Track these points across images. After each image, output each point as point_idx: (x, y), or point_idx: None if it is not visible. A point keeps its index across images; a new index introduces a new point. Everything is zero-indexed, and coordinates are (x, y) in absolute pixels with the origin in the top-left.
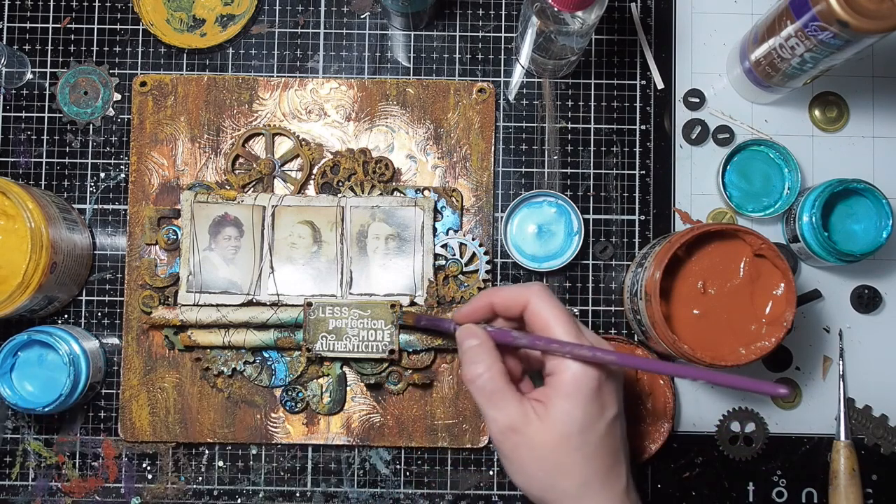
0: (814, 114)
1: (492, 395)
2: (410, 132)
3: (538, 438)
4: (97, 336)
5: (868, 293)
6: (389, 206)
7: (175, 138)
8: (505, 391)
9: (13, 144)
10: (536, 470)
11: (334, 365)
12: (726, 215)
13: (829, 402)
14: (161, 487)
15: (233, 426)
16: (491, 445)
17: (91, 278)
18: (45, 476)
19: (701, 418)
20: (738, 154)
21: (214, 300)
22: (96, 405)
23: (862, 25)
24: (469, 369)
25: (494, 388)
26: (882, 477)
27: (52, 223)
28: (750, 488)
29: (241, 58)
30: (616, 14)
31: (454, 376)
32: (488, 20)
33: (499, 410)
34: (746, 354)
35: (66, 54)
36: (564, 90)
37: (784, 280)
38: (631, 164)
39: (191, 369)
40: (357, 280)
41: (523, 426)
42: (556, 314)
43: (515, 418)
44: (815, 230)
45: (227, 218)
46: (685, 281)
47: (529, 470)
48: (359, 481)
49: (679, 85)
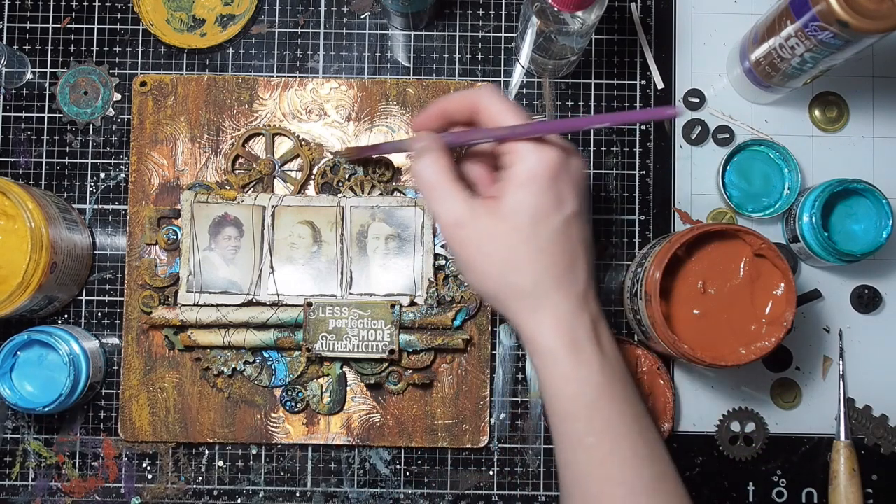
0: (814, 114)
1: (434, 189)
2: (410, 132)
3: (487, 232)
4: (97, 336)
5: (868, 293)
6: (389, 206)
7: (175, 138)
8: (448, 185)
9: (13, 144)
10: (487, 266)
11: (334, 365)
12: (726, 215)
13: (829, 402)
14: (161, 487)
15: (233, 426)
16: (491, 445)
17: (91, 278)
18: (45, 476)
19: (701, 418)
20: (738, 154)
21: (214, 300)
22: (96, 405)
23: (862, 25)
24: (414, 166)
25: (437, 182)
26: (882, 477)
27: (52, 223)
28: (750, 488)
29: (241, 58)
30: (616, 14)
31: (454, 376)
32: (488, 20)
33: (442, 204)
34: (746, 354)
35: (66, 54)
36: (564, 90)
37: (784, 280)
38: (631, 164)
39: (191, 369)
40: (357, 280)
41: (470, 220)
42: (505, 105)
43: (461, 212)
44: (815, 230)
45: (227, 218)
46: (685, 281)
47: (480, 266)
48: (359, 481)
49: (679, 85)
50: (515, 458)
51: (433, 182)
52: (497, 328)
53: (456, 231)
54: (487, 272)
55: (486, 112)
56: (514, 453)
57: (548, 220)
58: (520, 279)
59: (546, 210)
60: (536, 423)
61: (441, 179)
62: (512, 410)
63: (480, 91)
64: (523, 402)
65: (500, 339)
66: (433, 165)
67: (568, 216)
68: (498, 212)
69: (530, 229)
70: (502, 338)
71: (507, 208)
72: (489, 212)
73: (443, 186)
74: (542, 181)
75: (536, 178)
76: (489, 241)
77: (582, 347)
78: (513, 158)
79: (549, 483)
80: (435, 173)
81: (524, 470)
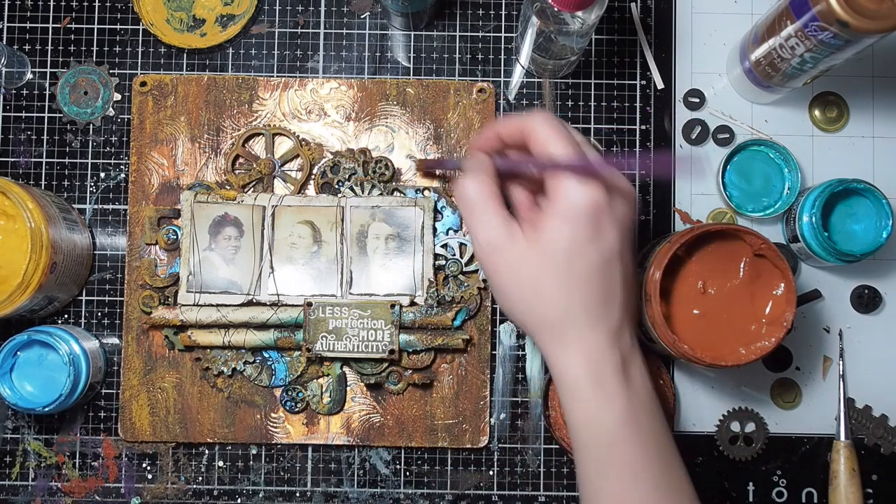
0: (814, 114)
1: (475, 208)
2: (410, 132)
3: (520, 258)
4: (97, 336)
5: (868, 293)
6: (389, 206)
7: (175, 138)
8: (489, 207)
9: (13, 144)
10: (517, 292)
11: (334, 365)
12: (726, 215)
13: (829, 402)
14: (161, 487)
15: (233, 426)
16: (491, 445)
17: (91, 278)
18: (45, 476)
19: (701, 418)
20: (738, 154)
21: (214, 300)
22: (96, 405)
23: (862, 25)
24: (460, 184)
25: (478, 201)
26: (882, 477)
27: (52, 223)
28: (750, 488)
29: (241, 58)
30: (616, 14)
31: (454, 376)
32: (488, 20)
33: (480, 225)
34: (746, 354)
35: (66, 54)
36: (564, 90)
37: (784, 280)
38: (631, 164)
39: (191, 369)
40: (357, 280)
41: (505, 244)
42: (553, 133)
43: (497, 235)
44: (815, 230)
45: (227, 218)
46: (685, 281)
47: (510, 291)
48: (359, 481)
49: (679, 85)
50: (515, 458)
51: (475, 201)
52: (497, 328)
53: (490, 253)
54: (517, 298)
55: (535, 138)
56: (514, 453)
57: (584, 256)
58: (548, 310)
59: (583, 245)
60: (536, 423)
61: (483, 199)
62: (512, 410)
63: (533, 117)
64: (523, 402)
65: (500, 339)
66: (479, 185)
67: (606, 254)
68: (534, 240)
69: (565, 262)
70: (502, 338)
71: (543, 238)
72: (526, 238)
73: (484, 207)
74: (582, 216)
75: (577, 212)
76: (521, 268)
77: (607, 383)
78: (556, 188)
79: (549, 483)
80: (478, 193)
81: (524, 470)
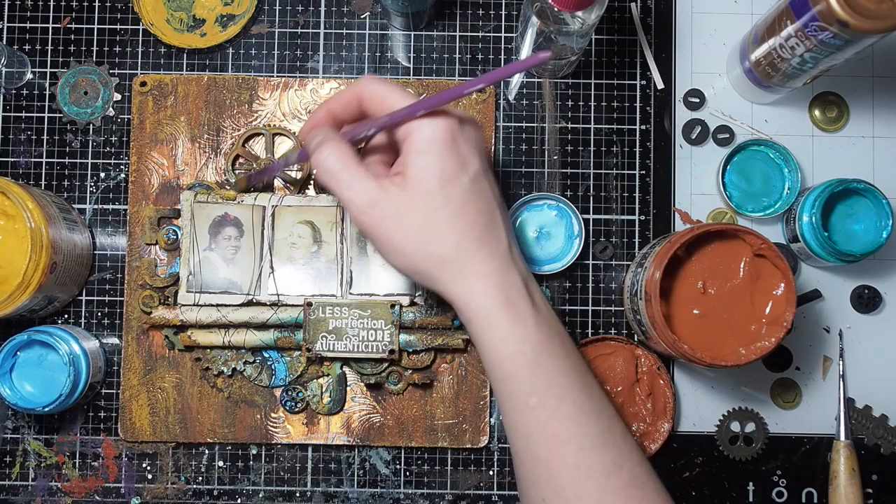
0: (814, 114)
1: (340, 176)
2: None
3: (399, 206)
4: (97, 336)
5: (868, 293)
6: None
7: (175, 138)
8: (353, 169)
9: (13, 144)
10: (406, 240)
11: (334, 365)
12: (726, 215)
13: (829, 402)
14: (161, 487)
15: (233, 426)
16: (491, 445)
17: (91, 278)
18: (45, 476)
19: (701, 418)
20: (738, 154)
21: (214, 300)
22: (96, 405)
23: (862, 25)
24: (315, 161)
25: (342, 168)
26: (882, 477)
27: (52, 223)
28: (750, 488)
29: (241, 58)
30: (616, 14)
31: (454, 376)
32: (488, 20)
33: (351, 190)
34: (746, 354)
35: (66, 54)
36: (564, 90)
37: (784, 280)
38: (631, 164)
39: (191, 369)
40: (357, 280)
41: (382, 200)
42: (388, 90)
43: (371, 194)
44: (815, 230)
45: (227, 218)
46: (685, 281)
47: (399, 242)
48: (359, 481)
49: (679, 85)
50: None
51: (337, 169)
52: None
53: (369, 212)
54: (407, 247)
55: (372, 101)
56: None
57: (456, 182)
58: (441, 247)
59: (451, 171)
60: None
61: (345, 165)
62: None
63: (361, 82)
64: None
65: None
66: (333, 153)
67: (474, 175)
68: (406, 184)
69: (440, 194)
70: None
71: (413, 178)
72: (398, 186)
73: (348, 172)
74: (440, 145)
75: (435, 142)
76: (404, 216)
77: (515, 305)
78: (409, 133)
79: None
80: (337, 160)
81: None
